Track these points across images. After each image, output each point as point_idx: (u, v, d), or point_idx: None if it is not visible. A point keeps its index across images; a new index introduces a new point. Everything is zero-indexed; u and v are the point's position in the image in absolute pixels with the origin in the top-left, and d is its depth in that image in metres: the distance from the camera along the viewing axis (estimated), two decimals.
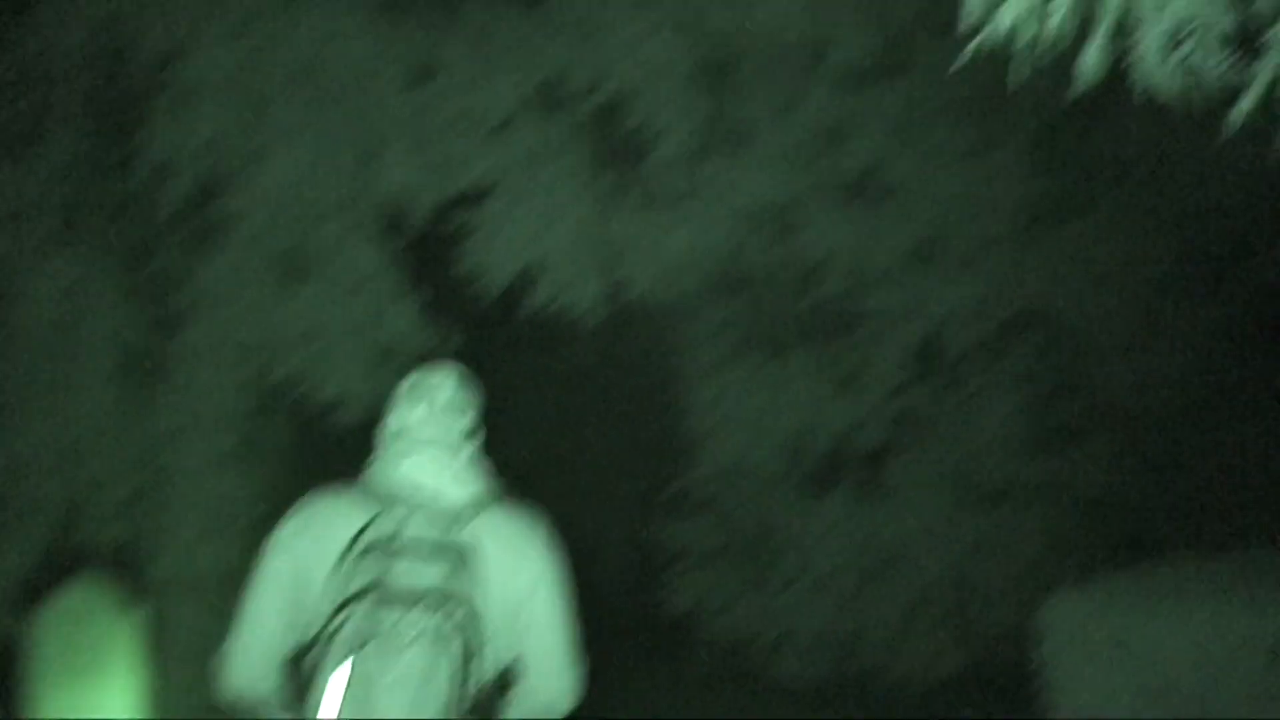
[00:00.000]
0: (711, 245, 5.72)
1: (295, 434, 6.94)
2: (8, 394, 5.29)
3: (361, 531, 1.88)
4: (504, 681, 1.97)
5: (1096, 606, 4.16)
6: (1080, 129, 5.78)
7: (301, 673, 1.84)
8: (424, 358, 5.37)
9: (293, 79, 5.33)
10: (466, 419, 2.08)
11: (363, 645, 1.78)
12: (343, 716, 1.76)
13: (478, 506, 1.96)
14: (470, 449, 2.06)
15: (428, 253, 5.76)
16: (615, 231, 5.71)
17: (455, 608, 1.82)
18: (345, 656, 1.78)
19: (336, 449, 10.13)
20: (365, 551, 1.85)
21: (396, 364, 5.58)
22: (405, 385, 2.10)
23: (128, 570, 6.38)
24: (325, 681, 1.78)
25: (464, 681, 1.82)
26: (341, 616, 1.80)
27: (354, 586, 1.82)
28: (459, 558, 1.87)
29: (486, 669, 1.89)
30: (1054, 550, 5.91)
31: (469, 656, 1.83)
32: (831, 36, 5.42)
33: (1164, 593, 4.14)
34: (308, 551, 1.92)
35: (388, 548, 1.85)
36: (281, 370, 5.53)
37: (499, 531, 1.96)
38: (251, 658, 1.95)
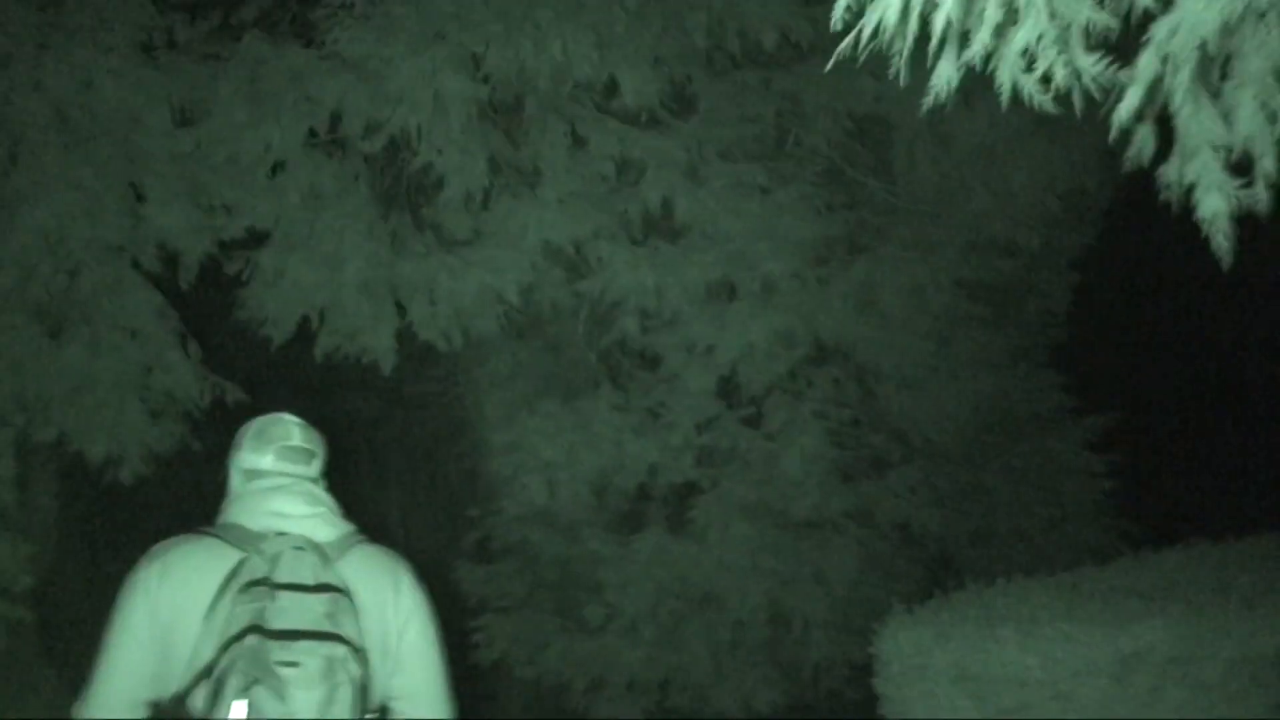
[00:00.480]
0: (504, 287, 7.40)
1: (66, 497, 8.40)
2: None
3: (234, 573, 2.36)
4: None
5: (935, 633, 5.04)
6: (870, 165, 7.84)
7: (184, 719, 2.31)
8: (204, 411, 7.03)
9: (50, 123, 6.76)
10: (317, 463, 2.70)
11: (251, 686, 2.20)
12: None
13: (344, 546, 2.52)
14: (325, 491, 2.67)
15: (204, 301, 7.28)
16: (404, 275, 7.35)
17: (340, 642, 2.30)
18: (236, 697, 2.20)
19: (111, 510, 11.45)
20: (241, 591, 2.31)
21: (173, 417, 7.16)
22: (249, 431, 2.72)
23: None
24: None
25: (361, 715, 2.33)
26: (227, 656, 2.23)
27: (234, 627, 2.26)
28: (336, 594, 2.37)
29: (374, 703, 2.42)
30: (868, 579, 7.81)
31: (360, 690, 2.31)
32: (618, 75, 7.19)
33: (1003, 617, 5.07)
34: (172, 596, 2.40)
35: (263, 587, 2.31)
36: (48, 429, 6.94)
37: (369, 570, 2.53)
38: (111, 707, 2.41)
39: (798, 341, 7.63)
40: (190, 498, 13.63)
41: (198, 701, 2.28)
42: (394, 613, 2.55)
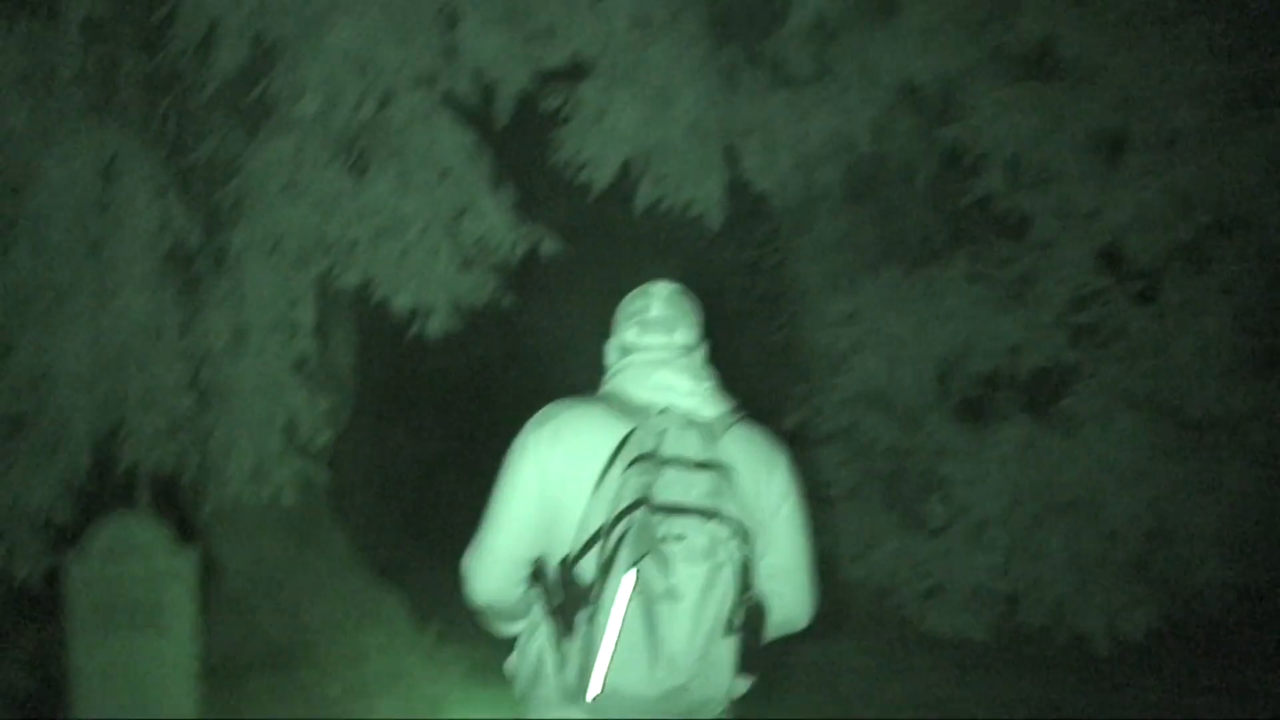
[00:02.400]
0: (854, 131, 7.36)
1: (366, 349, 8.89)
2: (33, 291, 6.81)
3: (623, 444, 2.57)
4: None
5: None
6: None
7: (572, 583, 2.54)
8: (517, 262, 7.32)
9: None
10: (684, 333, 2.85)
11: (640, 557, 2.40)
12: (625, 627, 2.41)
13: (726, 423, 2.70)
14: (704, 365, 2.83)
15: (520, 140, 7.52)
16: (738, 116, 7.32)
17: (724, 521, 2.46)
18: (628, 567, 2.40)
19: (414, 366, 12.07)
20: (630, 464, 2.51)
21: (484, 267, 7.32)
22: (630, 301, 2.92)
23: (175, 503, 8.30)
24: (609, 591, 2.42)
25: (740, 594, 2.49)
26: (619, 528, 2.43)
27: (626, 500, 2.45)
28: (721, 473, 2.53)
29: (756, 583, 2.57)
30: (1269, 493, 7.51)
31: (743, 569, 2.48)
32: None
33: None
34: (561, 462, 2.64)
35: (651, 461, 2.50)
36: (350, 274, 7.17)
37: (747, 449, 2.71)
38: (500, 567, 2.72)
39: (1199, 206, 7.27)
40: (498, 359, 14.15)
41: (587, 568, 2.50)
42: (769, 493, 2.72)
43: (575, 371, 3.61)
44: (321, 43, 6.76)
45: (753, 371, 9.96)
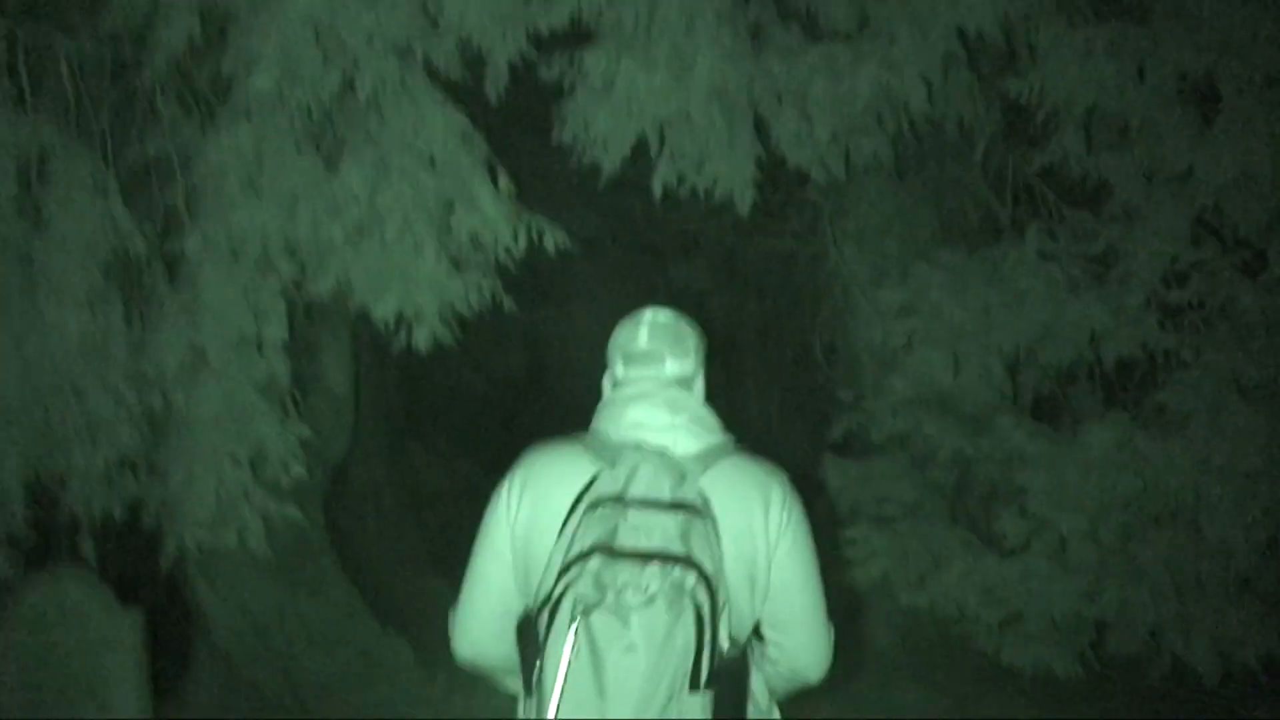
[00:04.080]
0: (899, 94, 6.33)
1: (345, 365, 7.94)
2: None
3: (587, 488, 2.47)
4: (747, 648, 2.58)
5: None
6: None
7: (529, 638, 2.44)
8: (518, 259, 6.29)
9: None
10: (676, 364, 2.74)
11: (591, 608, 2.30)
12: (571, 684, 2.30)
13: (709, 459, 2.57)
14: (696, 396, 2.74)
15: (514, 119, 6.51)
16: (769, 78, 6.36)
17: (690, 567, 2.33)
18: (572, 620, 2.29)
19: (401, 382, 11.13)
20: (591, 508, 2.42)
21: (479, 267, 6.39)
22: (619, 331, 2.80)
23: (126, 551, 7.41)
24: (552, 644, 2.32)
25: (704, 647, 2.32)
26: (567, 578, 2.34)
27: (579, 546, 2.36)
28: (692, 513, 2.42)
29: (726, 635, 2.41)
30: None
31: (707, 620, 2.33)
32: None
33: None
34: (529, 510, 2.56)
35: (615, 504, 2.41)
36: (322, 280, 6.26)
37: (735, 484, 2.56)
38: (479, 623, 2.67)
39: None
40: (522, 373, 13.37)
41: (542, 620, 2.37)
42: (763, 533, 2.57)
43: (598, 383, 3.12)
44: (279, 8, 5.78)
45: (793, 376, 8.99)
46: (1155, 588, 6.70)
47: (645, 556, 2.34)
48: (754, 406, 9.28)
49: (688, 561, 2.35)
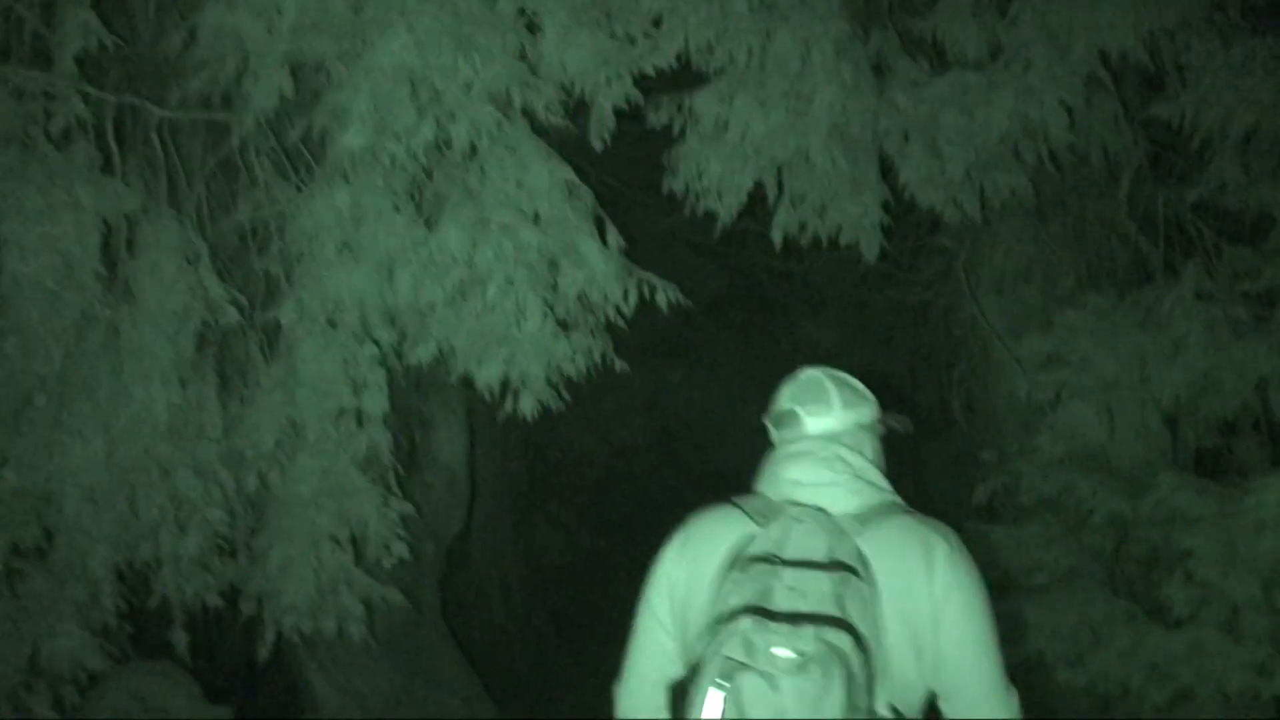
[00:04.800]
0: (1037, 124, 5.82)
1: (458, 437, 7.55)
2: (30, 389, 5.54)
3: (742, 546, 2.40)
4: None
5: None
6: None
7: (680, 700, 2.34)
8: (628, 318, 5.84)
9: None
10: (830, 421, 2.65)
11: (739, 671, 2.19)
12: None
13: (869, 517, 2.46)
14: (859, 453, 2.61)
15: (618, 167, 6.09)
16: (894, 112, 5.89)
17: (845, 629, 2.22)
18: (714, 685, 2.19)
19: (522, 452, 10.80)
20: (744, 568, 2.34)
21: (587, 327, 6.01)
22: (777, 392, 2.73)
23: (223, 641, 7.08)
24: (694, 709, 2.21)
25: (861, 713, 2.19)
26: (717, 639, 2.24)
27: (730, 605, 2.28)
28: (849, 574, 2.31)
29: (885, 706, 2.30)
30: None
31: (860, 687, 2.20)
32: None
33: None
34: (686, 573, 2.50)
35: (768, 563, 2.32)
36: (423, 347, 5.89)
37: (894, 543, 2.43)
38: (642, 692, 2.58)
39: None
40: (646, 440, 13.00)
41: (687, 686, 2.29)
42: (926, 594, 2.40)
43: (728, 448, 2.91)
44: (371, 59, 5.38)
45: (931, 437, 8.41)
46: None
47: (799, 618, 2.23)
48: (890, 471, 8.70)
49: (843, 624, 2.24)
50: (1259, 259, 6.28)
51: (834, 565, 2.33)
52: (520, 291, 5.75)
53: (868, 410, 2.71)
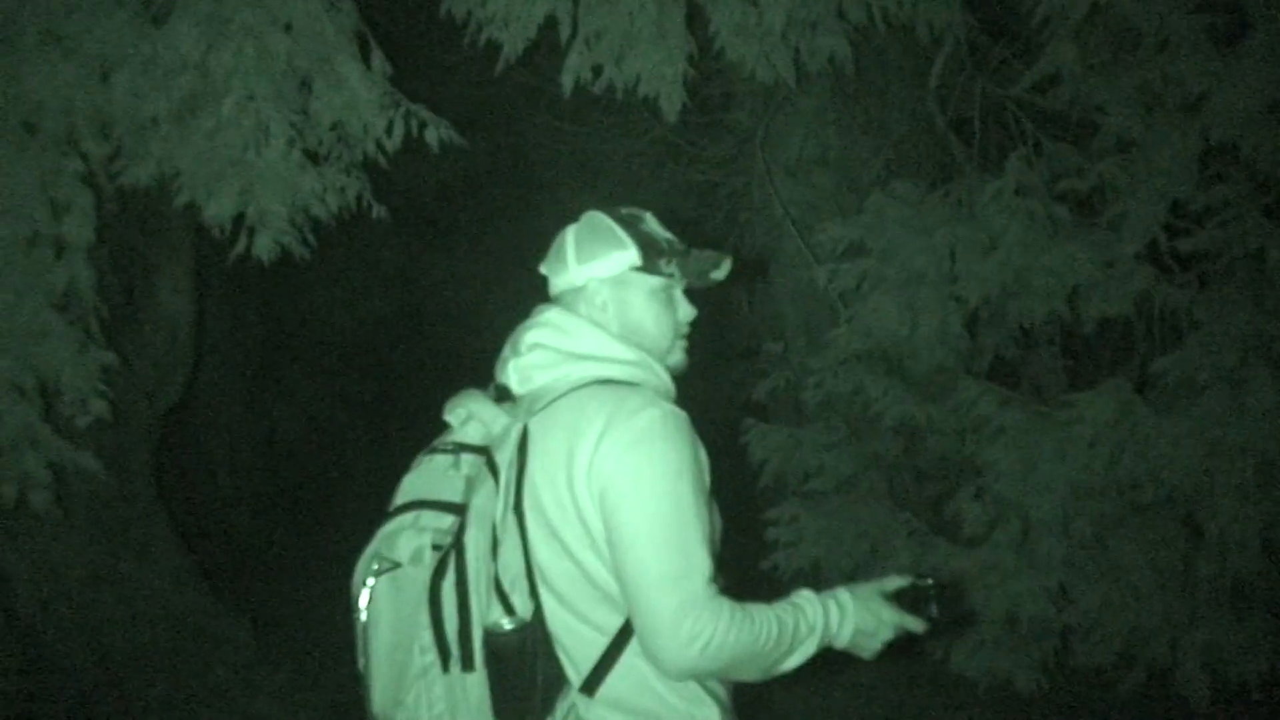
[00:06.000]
0: None
1: (184, 287, 6.59)
2: None
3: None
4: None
5: None
6: None
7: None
8: (390, 155, 5.01)
9: None
10: (594, 271, 2.46)
11: (383, 568, 2.28)
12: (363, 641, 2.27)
13: (553, 396, 2.31)
14: (576, 315, 2.44)
15: None
16: None
17: (446, 517, 2.30)
18: (364, 580, 2.28)
19: (261, 318, 9.79)
20: (428, 454, 2.45)
21: (341, 162, 5.28)
22: None
23: None
24: (356, 608, 2.29)
25: (470, 612, 2.21)
26: (385, 528, 2.35)
27: (397, 497, 2.40)
28: (482, 461, 2.33)
29: (525, 603, 2.22)
30: None
31: (476, 579, 2.22)
32: None
33: None
34: None
35: (434, 451, 2.43)
36: (141, 165, 5.03)
37: (560, 422, 2.24)
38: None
39: None
40: (377, 313, 12.24)
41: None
42: (566, 480, 2.20)
43: (482, 330, 2.91)
44: None
45: (710, 326, 7.82)
46: (1138, 589, 5.65)
47: (417, 506, 2.31)
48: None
49: (458, 509, 2.29)
50: (1085, 158, 5.76)
51: (465, 449, 2.39)
52: (262, 110, 4.96)
53: (621, 259, 2.43)
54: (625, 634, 2.21)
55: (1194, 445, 5.31)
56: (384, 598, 2.23)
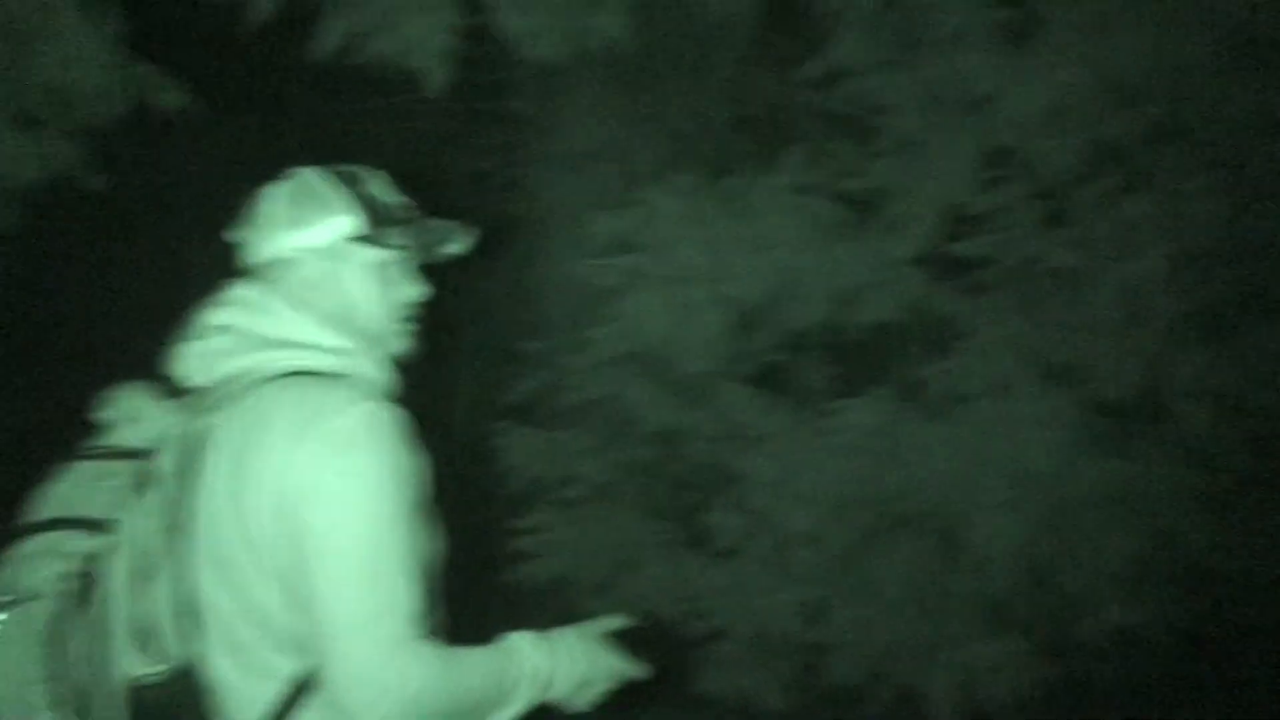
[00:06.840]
0: None
1: None
2: None
3: None
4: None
5: None
6: None
7: None
8: (122, 123, 4.55)
9: None
10: (303, 239, 2.10)
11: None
12: None
13: (237, 391, 1.96)
14: (299, 294, 2.07)
15: None
16: None
17: (86, 539, 1.95)
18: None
19: None
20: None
21: (64, 130, 4.93)
22: None
23: None
24: None
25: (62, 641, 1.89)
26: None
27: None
28: (140, 469, 2.01)
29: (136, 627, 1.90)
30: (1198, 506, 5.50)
31: (107, 614, 1.90)
32: None
33: None
34: None
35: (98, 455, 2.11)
36: None
37: (248, 422, 1.91)
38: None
39: (1136, 96, 5.22)
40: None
41: None
42: (231, 495, 1.88)
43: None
44: None
45: (469, 323, 7.58)
46: (892, 606, 5.63)
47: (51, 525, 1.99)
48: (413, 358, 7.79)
49: (102, 528, 1.97)
50: (868, 157, 5.67)
51: (125, 454, 2.06)
52: None
53: (337, 226, 2.08)
54: (308, 684, 1.91)
55: (958, 456, 5.35)
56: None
